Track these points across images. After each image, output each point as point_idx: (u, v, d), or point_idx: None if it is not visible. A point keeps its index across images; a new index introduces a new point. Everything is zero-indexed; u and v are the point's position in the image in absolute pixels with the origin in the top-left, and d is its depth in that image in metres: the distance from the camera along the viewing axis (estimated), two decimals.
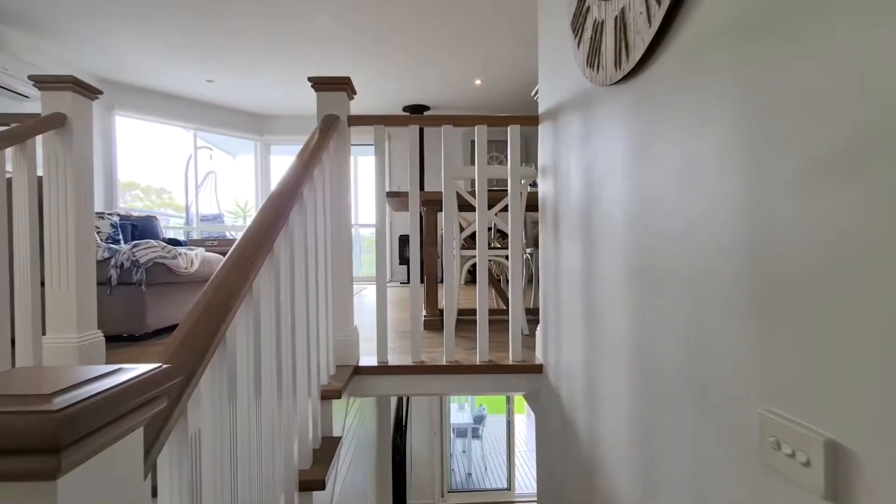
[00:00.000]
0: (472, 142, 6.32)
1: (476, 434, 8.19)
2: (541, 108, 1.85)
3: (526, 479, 7.30)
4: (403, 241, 6.21)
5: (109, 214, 4.20)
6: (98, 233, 3.97)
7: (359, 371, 1.79)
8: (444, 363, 1.84)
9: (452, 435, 7.11)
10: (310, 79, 1.77)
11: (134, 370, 0.44)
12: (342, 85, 1.79)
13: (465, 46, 4.48)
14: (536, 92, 1.95)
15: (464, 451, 7.79)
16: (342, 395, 1.51)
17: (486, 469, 7.46)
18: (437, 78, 5.24)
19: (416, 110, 5.93)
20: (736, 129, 0.72)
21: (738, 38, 0.71)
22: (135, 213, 4.61)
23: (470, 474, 7.24)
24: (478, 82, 5.32)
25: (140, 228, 4.51)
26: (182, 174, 6.06)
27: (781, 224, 0.63)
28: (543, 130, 1.83)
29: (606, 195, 1.21)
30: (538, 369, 1.86)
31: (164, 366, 0.48)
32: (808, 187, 0.59)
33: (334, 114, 1.77)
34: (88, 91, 1.83)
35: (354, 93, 1.89)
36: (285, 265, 1.10)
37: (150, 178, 6.13)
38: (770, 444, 0.63)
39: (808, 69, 0.59)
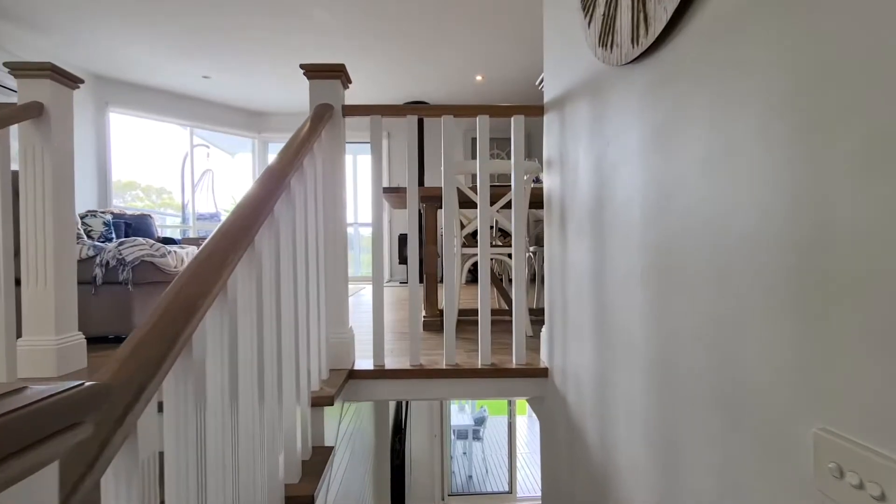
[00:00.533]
0: (474, 139, 6.22)
1: (477, 436, 8.09)
2: (546, 97, 1.75)
3: (528, 481, 7.20)
4: (403, 239, 6.11)
5: (102, 213, 4.11)
6: (90, 231, 3.88)
7: (354, 375, 1.70)
8: (444, 366, 1.74)
9: (453, 437, 7.01)
10: (302, 66, 1.68)
11: (42, 391, 0.35)
12: (336, 72, 1.69)
13: (465, 40, 4.38)
14: (542, 80, 1.85)
15: (464, 453, 7.69)
16: (335, 402, 1.42)
17: (486, 471, 7.36)
18: (437, 74, 5.15)
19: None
20: (781, 104, 0.62)
21: (780, 1, 0.62)
22: (129, 212, 4.52)
23: (471, 477, 7.14)
24: (479, 78, 5.23)
25: (134, 227, 4.42)
26: (178, 172, 5.97)
27: (844, 209, 0.53)
28: (549, 121, 1.74)
29: (620, 186, 1.11)
30: (543, 373, 1.76)
31: (89, 383, 0.38)
32: (878, 164, 0.49)
33: (328, 103, 1.68)
34: (68, 80, 1.73)
35: (349, 81, 1.80)
36: (269, 261, 1.00)
37: (151, 177, 6.04)
38: (829, 471, 0.53)
39: (872, 28, 0.49)
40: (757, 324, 0.66)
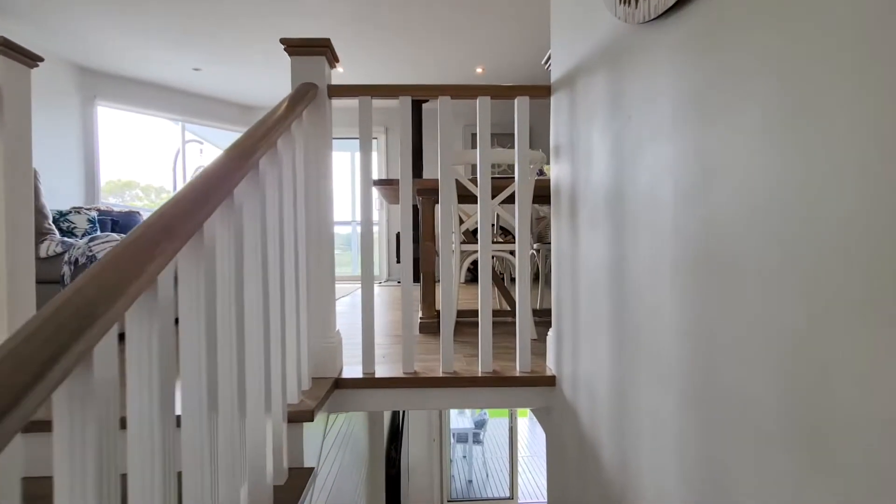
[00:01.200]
0: (474, 135, 6.04)
1: (477, 439, 7.92)
2: (554, 76, 1.58)
3: (529, 486, 7.04)
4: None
5: (87, 209, 3.95)
6: (73, 228, 3.71)
7: (340, 384, 1.53)
8: (441, 374, 1.58)
9: (453, 440, 6.85)
10: (283, 40, 1.51)
11: None
12: (320, 48, 1.52)
13: (465, 29, 4.21)
14: (548, 59, 1.68)
15: (464, 457, 7.52)
16: (315, 417, 1.25)
17: (487, 476, 7.19)
18: (436, 66, 4.98)
19: (414, 101, 5.65)
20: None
21: None
22: (116, 209, 4.36)
23: (471, 481, 6.97)
24: (479, 70, 5.06)
25: (121, 224, 4.26)
26: (170, 169, 5.80)
27: None
28: (557, 101, 1.57)
29: (645, 167, 0.94)
30: (550, 381, 1.59)
31: None
32: None
33: (311, 82, 1.51)
34: (25, 56, 1.57)
35: (336, 59, 1.63)
36: (226, 255, 0.84)
37: (150, 177, 5.87)
38: None
39: None
40: (857, 337, 0.49)
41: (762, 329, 0.62)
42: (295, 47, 1.52)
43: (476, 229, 2.14)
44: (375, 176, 6.19)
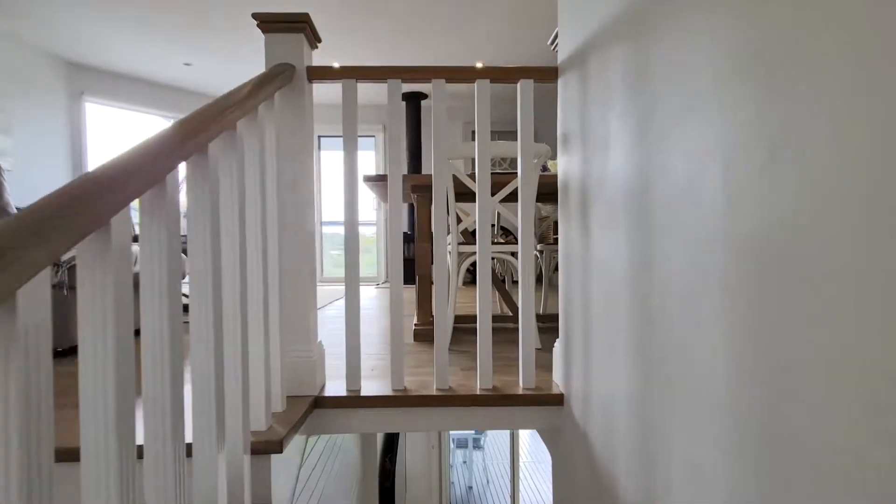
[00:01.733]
0: (474, 132, 5.87)
1: (477, 444, 7.73)
2: (561, 56, 1.41)
3: (530, 492, 6.85)
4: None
5: None
6: None
7: (320, 403, 1.35)
8: (435, 392, 1.40)
9: (452, 445, 6.67)
10: (255, 15, 1.34)
11: None
12: (299, 24, 1.35)
13: (464, 24, 4.04)
14: (555, 39, 1.51)
15: (464, 462, 7.34)
16: (285, 447, 1.07)
17: (487, 482, 7.00)
18: (435, 61, 4.80)
19: (412, 97, 5.49)
20: None
21: None
22: None
23: (471, 488, 6.79)
24: (479, 65, 4.88)
25: None
26: None
27: None
28: (565, 85, 1.39)
29: (680, 153, 0.77)
30: (557, 400, 1.41)
31: None
32: None
33: (288, 62, 1.34)
34: None
35: (318, 39, 1.46)
36: (155, 256, 0.66)
37: None
38: None
39: None
40: None
41: (859, 367, 0.44)
42: (269, 23, 1.35)
43: (474, 227, 1.97)
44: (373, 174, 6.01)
